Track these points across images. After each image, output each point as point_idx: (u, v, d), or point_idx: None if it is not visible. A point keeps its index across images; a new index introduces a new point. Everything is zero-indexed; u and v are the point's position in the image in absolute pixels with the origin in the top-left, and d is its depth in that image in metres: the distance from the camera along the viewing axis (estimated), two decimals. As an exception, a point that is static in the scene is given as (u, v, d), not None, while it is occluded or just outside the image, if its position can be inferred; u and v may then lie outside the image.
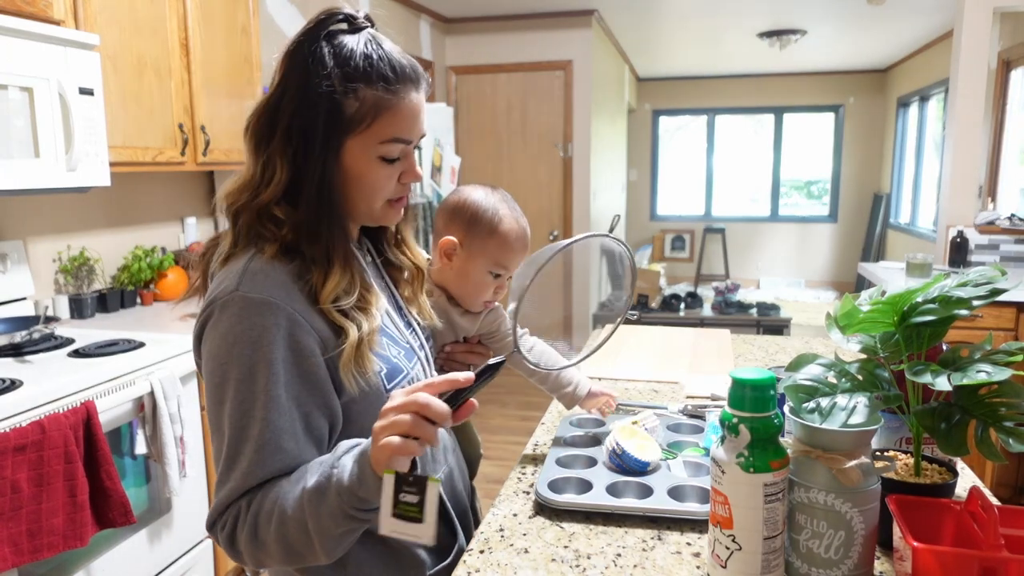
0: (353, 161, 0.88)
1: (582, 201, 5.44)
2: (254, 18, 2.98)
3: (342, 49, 0.86)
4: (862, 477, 0.84)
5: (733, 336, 2.24)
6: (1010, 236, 3.70)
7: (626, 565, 0.95)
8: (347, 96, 0.85)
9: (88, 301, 2.51)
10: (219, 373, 0.84)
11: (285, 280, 0.86)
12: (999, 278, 0.92)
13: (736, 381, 0.85)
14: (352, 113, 0.86)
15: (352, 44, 0.87)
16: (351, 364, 0.86)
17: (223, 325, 0.84)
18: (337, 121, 0.86)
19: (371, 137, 0.88)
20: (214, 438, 0.88)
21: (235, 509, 0.85)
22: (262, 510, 0.83)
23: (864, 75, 8.37)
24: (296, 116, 0.86)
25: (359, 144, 0.88)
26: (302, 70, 0.86)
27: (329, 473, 0.79)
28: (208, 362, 0.86)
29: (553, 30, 5.28)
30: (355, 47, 0.87)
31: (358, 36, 0.88)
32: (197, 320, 0.89)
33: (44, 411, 1.70)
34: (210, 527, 0.88)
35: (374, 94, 0.86)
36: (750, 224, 9.04)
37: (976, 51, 3.68)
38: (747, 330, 4.21)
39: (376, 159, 0.89)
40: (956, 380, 0.85)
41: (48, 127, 1.97)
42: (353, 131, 0.87)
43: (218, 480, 0.86)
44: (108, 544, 1.93)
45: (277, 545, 0.82)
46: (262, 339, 0.82)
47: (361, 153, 0.88)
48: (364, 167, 0.89)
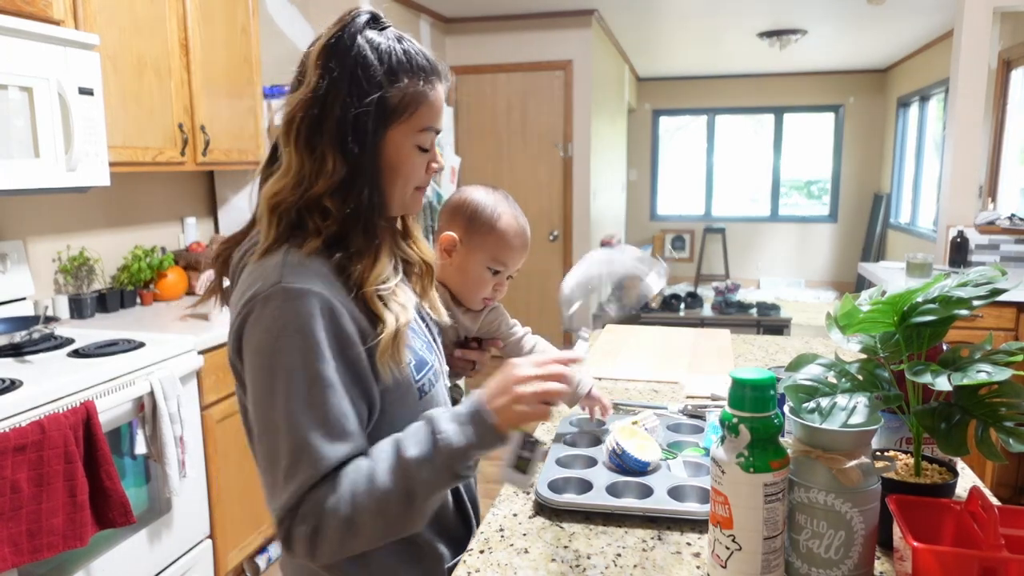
0: (393, 151, 0.92)
1: (582, 201, 5.44)
2: (254, 18, 2.98)
3: (379, 45, 0.90)
4: (862, 477, 0.84)
5: (733, 336, 2.24)
6: (1010, 236, 3.70)
7: (626, 565, 0.95)
8: (391, 88, 0.89)
9: (88, 301, 2.51)
10: (268, 366, 0.84)
11: (325, 272, 0.87)
12: (999, 278, 0.92)
13: (736, 381, 0.85)
14: (395, 104, 0.90)
15: (385, 40, 0.91)
16: (388, 353, 0.88)
17: (267, 318, 0.84)
18: (383, 113, 0.89)
19: (410, 127, 0.92)
20: (264, 437, 0.85)
21: (313, 500, 0.83)
22: (356, 492, 0.83)
23: (864, 75, 8.37)
24: (347, 109, 0.88)
25: (399, 134, 0.92)
26: (347, 66, 0.88)
27: (433, 440, 0.85)
28: (254, 357, 0.85)
29: (553, 30, 5.28)
30: (390, 43, 0.91)
31: (386, 33, 0.92)
32: (235, 318, 0.88)
33: (44, 411, 1.70)
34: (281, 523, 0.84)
35: (413, 86, 0.91)
36: (750, 224, 9.04)
37: (976, 51, 3.68)
38: (747, 330, 4.21)
39: (413, 148, 0.93)
40: (956, 380, 0.85)
41: (48, 127, 1.97)
42: (395, 122, 0.91)
43: (285, 476, 0.83)
44: (108, 544, 1.93)
45: (375, 522, 0.84)
46: (309, 327, 0.83)
47: (401, 142, 0.92)
48: (403, 156, 0.93)
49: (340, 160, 0.88)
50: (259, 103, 3.05)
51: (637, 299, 1.09)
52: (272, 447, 0.85)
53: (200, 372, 2.24)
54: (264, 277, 0.86)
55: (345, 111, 0.87)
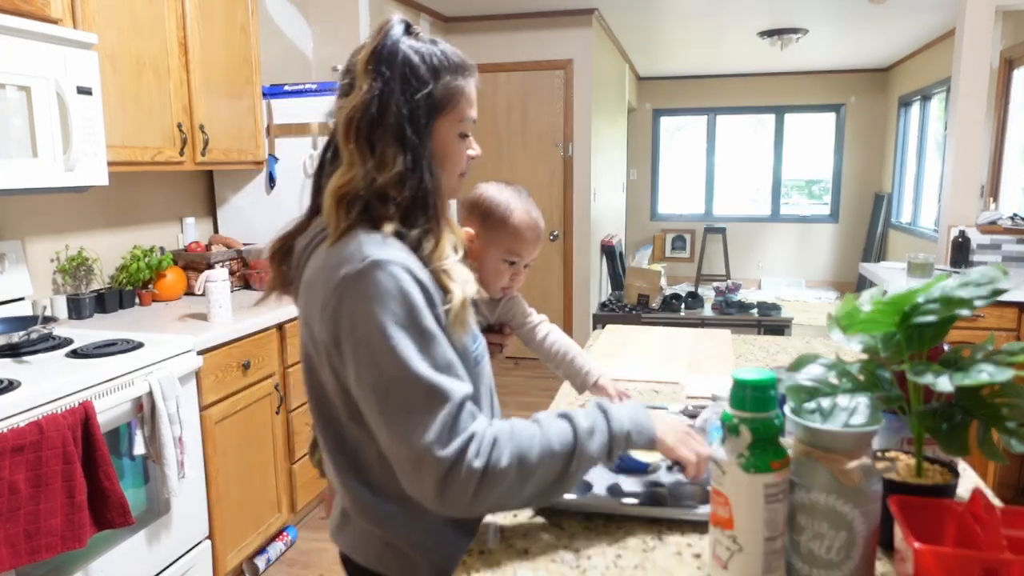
0: (440, 140, 1.03)
1: (582, 201, 5.43)
2: (253, 17, 2.98)
3: (419, 49, 1.01)
4: (863, 478, 0.84)
5: (734, 336, 2.23)
6: (1012, 236, 3.69)
7: (626, 566, 0.94)
8: (436, 85, 1.00)
9: (86, 301, 2.51)
10: (378, 329, 0.90)
11: (395, 243, 0.96)
12: (1001, 278, 0.91)
13: (737, 381, 0.84)
14: (440, 99, 1.01)
15: (423, 45, 1.02)
16: (458, 321, 0.96)
17: (366, 289, 0.91)
18: (431, 107, 1.00)
19: (454, 117, 1.03)
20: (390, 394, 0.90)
21: (468, 432, 0.90)
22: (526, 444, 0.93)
23: (865, 74, 8.36)
24: (402, 107, 0.98)
25: (445, 125, 1.03)
26: (396, 69, 0.99)
27: (606, 418, 1.00)
28: (362, 327, 0.91)
29: (553, 29, 5.28)
30: (427, 47, 1.02)
31: (421, 38, 1.04)
32: (324, 297, 0.94)
33: (42, 411, 1.70)
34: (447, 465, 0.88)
35: (454, 81, 1.02)
36: (751, 224, 9.03)
37: (978, 50, 3.67)
38: (748, 330, 4.20)
39: (456, 136, 1.05)
40: (958, 380, 0.84)
41: (46, 127, 1.96)
42: (440, 114, 1.02)
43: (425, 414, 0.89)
44: (106, 545, 1.93)
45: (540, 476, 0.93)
46: (405, 290, 0.92)
47: (447, 132, 1.03)
48: (450, 144, 1.04)
49: (400, 152, 0.98)
50: (258, 103, 3.05)
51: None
52: (401, 399, 0.90)
53: (199, 372, 2.24)
54: (350, 257, 0.93)
55: (400, 108, 0.98)
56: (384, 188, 0.97)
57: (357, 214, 0.97)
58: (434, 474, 0.89)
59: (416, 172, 0.98)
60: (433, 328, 0.93)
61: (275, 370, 2.67)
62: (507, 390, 4.60)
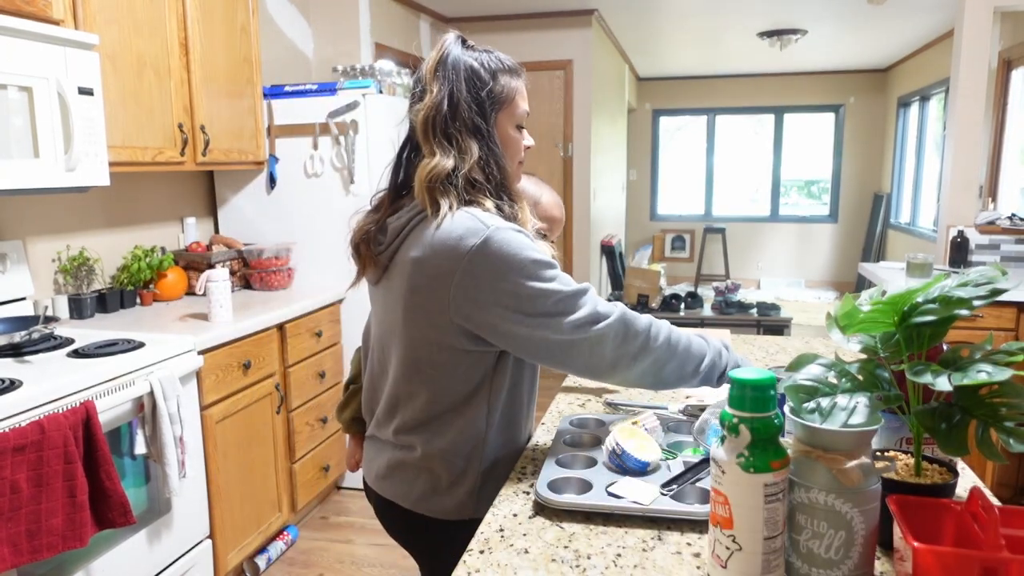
0: (502, 131, 1.20)
1: (582, 201, 5.43)
2: (254, 17, 2.98)
3: (477, 56, 1.18)
4: (862, 477, 0.84)
5: (733, 336, 2.23)
6: (1011, 236, 3.70)
7: (626, 565, 0.95)
8: (496, 85, 1.18)
9: (87, 301, 2.51)
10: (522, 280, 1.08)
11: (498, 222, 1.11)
12: (1000, 278, 0.92)
13: (736, 381, 0.84)
14: (500, 95, 1.18)
15: (478, 53, 1.19)
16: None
17: (496, 253, 1.07)
18: (494, 103, 1.18)
19: (511, 110, 1.20)
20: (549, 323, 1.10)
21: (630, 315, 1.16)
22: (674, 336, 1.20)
23: (864, 75, 8.37)
24: (472, 104, 1.15)
25: (505, 117, 1.20)
26: (462, 73, 1.16)
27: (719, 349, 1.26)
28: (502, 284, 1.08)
29: (553, 30, 5.28)
30: (483, 54, 1.19)
31: (475, 48, 1.20)
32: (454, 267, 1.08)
33: (43, 411, 1.70)
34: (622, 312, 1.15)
35: (509, 80, 1.20)
36: (750, 224, 9.04)
37: (977, 51, 3.68)
38: (747, 330, 4.20)
39: (514, 127, 1.22)
40: (956, 380, 0.85)
41: (47, 127, 1.97)
42: (501, 108, 1.19)
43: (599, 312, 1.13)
44: (108, 544, 1.93)
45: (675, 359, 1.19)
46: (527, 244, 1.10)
47: (507, 123, 1.21)
48: (510, 134, 1.22)
49: (475, 143, 1.14)
50: (259, 103, 3.05)
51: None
52: (564, 310, 1.11)
53: (200, 372, 2.24)
54: (473, 231, 1.08)
55: (470, 105, 1.15)
56: (469, 173, 1.13)
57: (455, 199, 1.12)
58: (613, 330, 1.12)
59: (491, 158, 1.16)
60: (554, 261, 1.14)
61: (276, 370, 2.68)
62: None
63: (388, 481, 1.26)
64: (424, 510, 1.22)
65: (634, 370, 1.17)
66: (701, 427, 1.24)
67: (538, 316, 1.10)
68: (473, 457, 1.21)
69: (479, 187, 1.15)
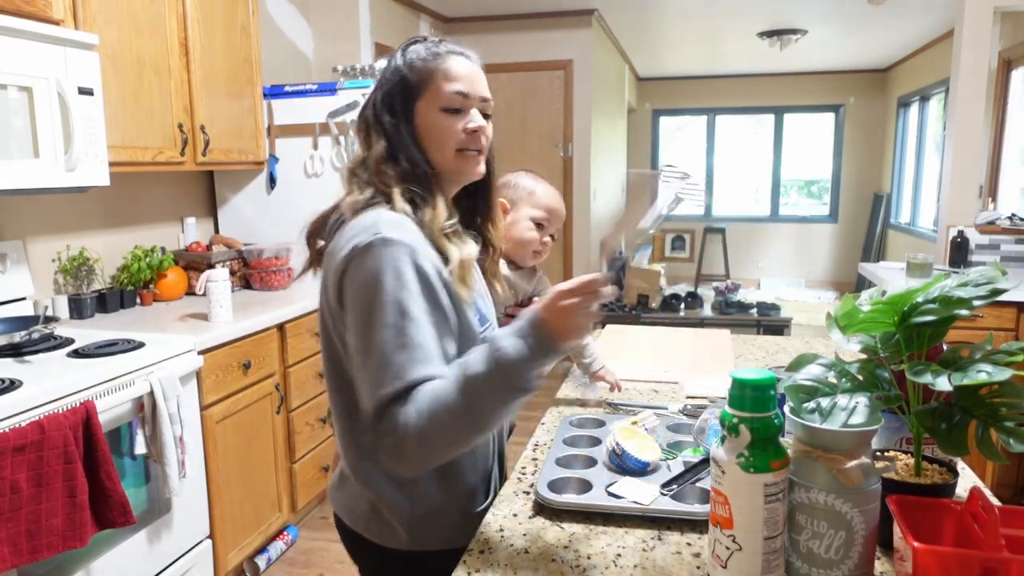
0: (424, 119, 1.12)
1: (582, 201, 5.43)
2: (254, 18, 2.98)
3: (409, 49, 1.15)
4: (862, 477, 0.84)
5: (733, 336, 2.23)
6: (1010, 236, 3.70)
7: (626, 565, 0.95)
8: (410, 72, 1.12)
9: (87, 301, 2.51)
10: (369, 298, 1.00)
11: (409, 225, 1.05)
12: (999, 278, 0.92)
13: (736, 381, 0.84)
14: (414, 82, 1.12)
15: (418, 44, 1.15)
16: (459, 278, 1.06)
17: (369, 261, 1.00)
18: (406, 91, 1.12)
19: (431, 95, 1.12)
20: (362, 359, 1.00)
21: (390, 417, 0.96)
22: (425, 408, 0.95)
23: (864, 75, 8.36)
24: (381, 100, 1.14)
25: (425, 104, 1.12)
26: (384, 70, 1.15)
27: (494, 356, 0.94)
28: (358, 292, 1.01)
29: (553, 30, 5.28)
30: (419, 44, 1.15)
31: (423, 43, 1.15)
32: (339, 264, 1.03)
33: (43, 411, 1.70)
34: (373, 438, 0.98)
35: (427, 64, 1.12)
36: (750, 224, 9.03)
37: (977, 51, 3.68)
38: (747, 330, 4.20)
39: (439, 111, 1.12)
40: (956, 380, 0.85)
41: (47, 127, 1.97)
42: (419, 96, 1.12)
43: (373, 387, 0.98)
44: (108, 544, 1.93)
45: (445, 435, 0.95)
46: (400, 269, 1.00)
47: (428, 110, 1.12)
48: (432, 120, 1.12)
49: (380, 136, 1.12)
50: (259, 103, 3.05)
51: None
52: (368, 366, 0.99)
53: (200, 372, 2.24)
54: (364, 230, 1.03)
55: (379, 100, 1.14)
56: (377, 165, 1.11)
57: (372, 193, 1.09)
58: (368, 443, 1.00)
59: (398, 150, 1.11)
60: (415, 311, 0.99)
61: (276, 370, 2.67)
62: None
63: (338, 493, 1.20)
64: (362, 530, 1.16)
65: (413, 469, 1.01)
66: (701, 427, 1.24)
67: (352, 348, 1.02)
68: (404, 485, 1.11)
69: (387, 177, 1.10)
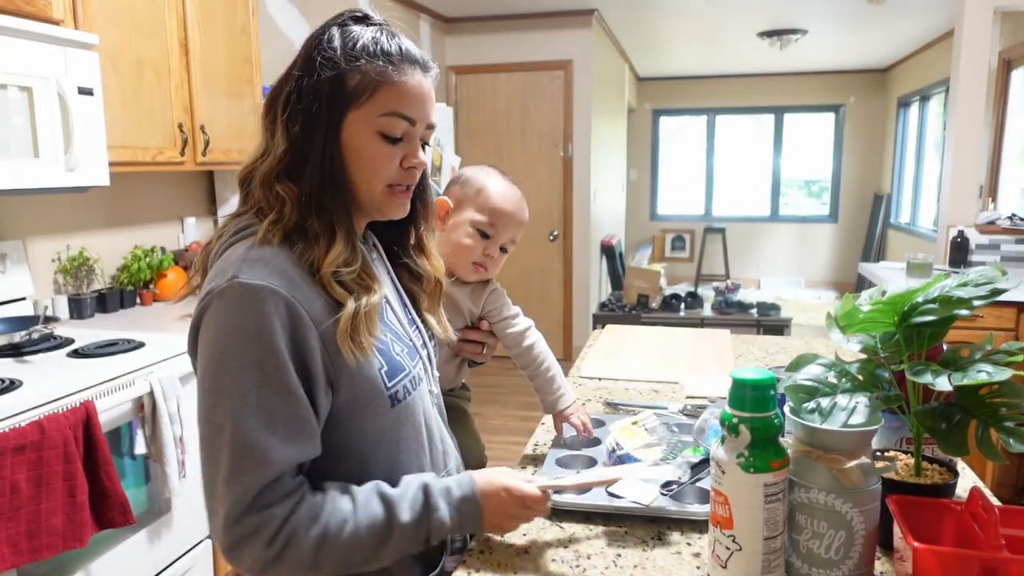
0: (353, 135, 0.89)
1: (582, 201, 5.44)
2: (254, 18, 2.98)
3: (350, 33, 0.90)
4: (862, 477, 0.84)
5: (733, 336, 2.23)
6: (1011, 236, 3.70)
7: (626, 565, 0.95)
8: (350, 70, 0.88)
9: (87, 301, 2.51)
10: (218, 363, 0.82)
11: (285, 267, 0.85)
12: (1000, 278, 0.92)
13: (736, 381, 0.84)
14: (354, 86, 0.88)
15: (361, 29, 0.91)
16: (347, 335, 0.85)
17: (222, 314, 0.82)
18: (339, 93, 0.88)
19: (371, 110, 0.88)
20: (206, 439, 0.83)
21: (266, 516, 0.81)
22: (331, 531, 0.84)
23: (864, 75, 8.36)
24: (298, 89, 0.88)
25: (360, 117, 0.88)
26: (310, 49, 0.90)
27: (428, 514, 0.89)
28: (205, 353, 0.83)
29: (553, 30, 5.28)
30: (364, 30, 0.91)
31: (369, 26, 0.92)
32: (195, 310, 0.86)
33: (43, 411, 1.70)
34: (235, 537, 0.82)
35: (375, 67, 0.88)
36: (750, 224, 9.04)
37: (977, 51, 3.68)
38: (747, 330, 4.20)
39: (375, 134, 0.89)
40: (956, 380, 0.85)
41: (47, 127, 1.97)
42: (354, 104, 0.88)
43: (226, 481, 0.81)
44: (108, 544, 1.93)
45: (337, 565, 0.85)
46: (262, 325, 0.81)
47: (362, 127, 0.89)
48: (364, 141, 0.89)
49: (286, 139, 0.88)
50: (259, 103, 3.05)
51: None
52: (214, 450, 0.82)
53: (200, 372, 2.24)
54: (223, 271, 0.84)
55: (298, 92, 0.88)
56: (268, 177, 0.88)
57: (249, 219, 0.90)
58: (221, 542, 0.83)
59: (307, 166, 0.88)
60: (280, 378, 0.81)
61: (275, 370, 2.67)
62: (506, 390, 4.61)
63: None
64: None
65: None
66: (701, 427, 1.24)
67: (199, 419, 0.85)
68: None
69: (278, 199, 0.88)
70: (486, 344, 1.32)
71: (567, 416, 1.31)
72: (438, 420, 1.07)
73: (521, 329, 1.32)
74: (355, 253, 0.90)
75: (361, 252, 0.92)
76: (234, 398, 0.81)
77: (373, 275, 0.92)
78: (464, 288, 1.28)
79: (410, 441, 0.97)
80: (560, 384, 1.32)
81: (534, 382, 1.33)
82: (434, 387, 1.08)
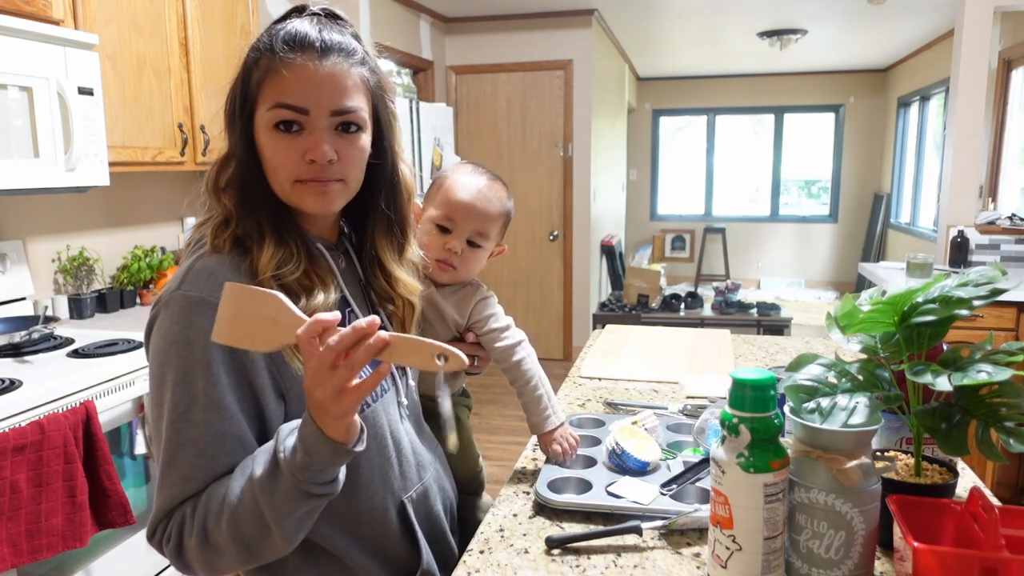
0: (259, 133, 0.87)
1: (582, 201, 5.43)
2: (253, 17, 2.98)
3: (269, 30, 0.88)
4: (862, 477, 0.84)
5: (733, 336, 2.23)
6: (1011, 236, 3.70)
7: (626, 565, 0.95)
8: (255, 68, 0.86)
9: (87, 301, 2.51)
10: (158, 375, 0.83)
11: (228, 276, 0.84)
12: (999, 278, 0.92)
13: (736, 381, 0.84)
14: (253, 84, 0.86)
15: (282, 25, 0.87)
16: (292, 348, 0.81)
17: (164, 325, 0.83)
18: (246, 94, 0.87)
19: (264, 105, 0.86)
20: (155, 440, 0.86)
21: (178, 516, 0.83)
22: (209, 512, 0.81)
23: (864, 75, 8.36)
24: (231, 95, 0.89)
25: (260, 114, 0.87)
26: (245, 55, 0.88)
27: (275, 458, 0.78)
28: (150, 362, 0.86)
29: (553, 30, 5.28)
30: (284, 26, 0.87)
31: (300, 18, 0.88)
32: (147, 319, 0.88)
33: (43, 411, 1.70)
34: (151, 536, 0.85)
35: (264, 61, 0.86)
36: (750, 224, 9.04)
37: (977, 51, 3.68)
38: (747, 330, 4.20)
39: (272, 130, 0.86)
40: (956, 380, 0.85)
41: (47, 127, 1.97)
42: (257, 102, 0.87)
43: (157, 486, 0.84)
44: (107, 544, 1.93)
45: (232, 544, 0.80)
46: (199, 340, 0.81)
47: (261, 124, 0.87)
48: (263, 138, 0.87)
49: (227, 143, 0.90)
50: (259, 103, 3.05)
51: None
52: (157, 450, 0.85)
53: (200, 372, 2.24)
54: (173, 281, 0.86)
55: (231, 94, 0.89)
56: (215, 183, 0.90)
57: (205, 211, 0.90)
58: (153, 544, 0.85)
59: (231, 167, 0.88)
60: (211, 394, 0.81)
61: (275, 370, 2.67)
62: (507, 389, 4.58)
63: None
64: None
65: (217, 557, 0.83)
66: (701, 427, 1.23)
67: (154, 438, 0.86)
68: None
69: (221, 204, 0.89)
70: (477, 356, 1.23)
71: (549, 442, 1.21)
72: (410, 432, 1.04)
73: (510, 343, 1.22)
74: (293, 255, 0.88)
75: (305, 255, 0.89)
76: (168, 410, 0.82)
77: (321, 277, 0.90)
78: (450, 296, 1.20)
79: (371, 454, 0.94)
80: (547, 405, 1.22)
81: (520, 399, 1.24)
82: (405, 398, 1.04)
